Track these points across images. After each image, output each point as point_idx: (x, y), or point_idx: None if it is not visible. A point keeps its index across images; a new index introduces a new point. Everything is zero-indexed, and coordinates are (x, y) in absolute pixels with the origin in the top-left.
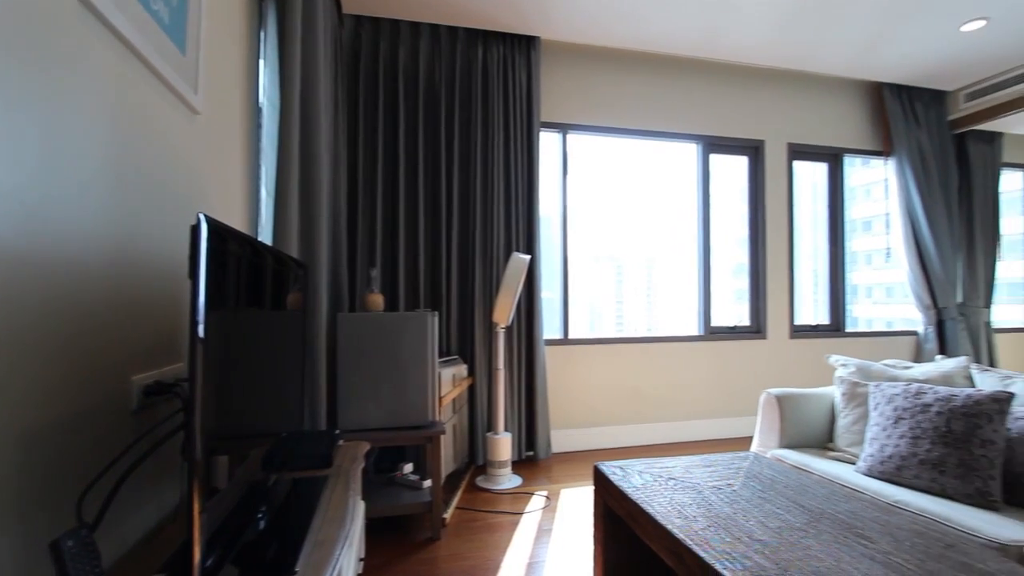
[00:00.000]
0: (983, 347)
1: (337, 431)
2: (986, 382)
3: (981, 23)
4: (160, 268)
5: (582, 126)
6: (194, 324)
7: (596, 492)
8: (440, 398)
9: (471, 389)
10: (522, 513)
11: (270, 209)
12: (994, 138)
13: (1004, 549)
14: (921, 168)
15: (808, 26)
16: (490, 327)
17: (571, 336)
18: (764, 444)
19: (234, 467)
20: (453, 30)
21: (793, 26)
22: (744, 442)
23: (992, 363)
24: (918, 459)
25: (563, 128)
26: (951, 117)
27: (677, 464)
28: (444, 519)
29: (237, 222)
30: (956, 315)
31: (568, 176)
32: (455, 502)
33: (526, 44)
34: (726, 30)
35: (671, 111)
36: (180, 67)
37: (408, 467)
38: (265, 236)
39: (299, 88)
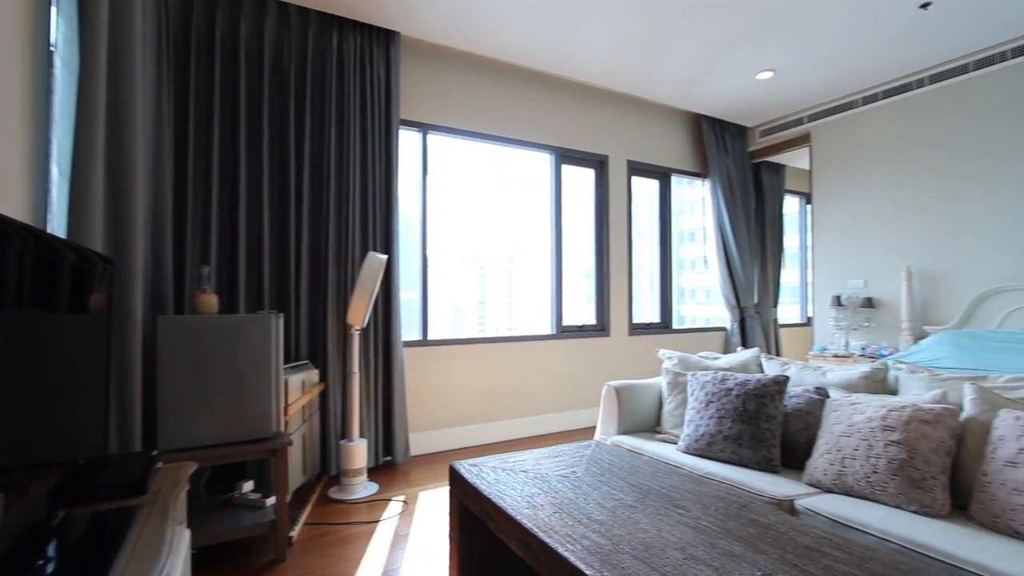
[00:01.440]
0: (772, 339)
1: (155, 452)
2: (771, 368)
3: (770, 74)
4: None
5: (443, 127)
6: None
7: (451, 491)
8: (286, 407)
9: (323, 395)
10: (378, 521)
11: (65, 192)
12: (780, 169)
13: (780, 504)
14: (729, 190)
15: (640, 58)
16: (345, 329)
17: (431, 337)
18: (605, 432)
19: (10, 505)
20: (304, 11)
21: (628, 56)
22: (591, 431)
23: (777, 352)
24: (723, 435)
25: (423, 127)
26: (750, 149)
27: (528, 457)
28: (291, 537)
29: (12, 206)
30: (753, 313)
31: (428, 176)
32: (304, 518)
33: (385, 38)
34: (575, 51)
35: (528, 121)
36: None
37: (248, 485)
38: (58, 225)
39: (106, 48)
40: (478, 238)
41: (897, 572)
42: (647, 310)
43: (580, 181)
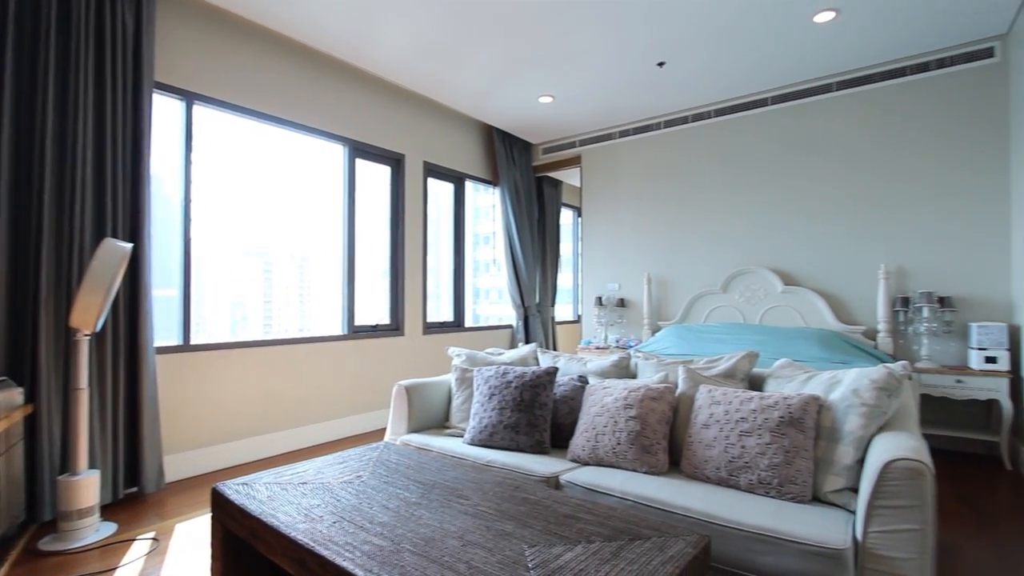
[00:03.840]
0: (550, 335)
1: None
2: (545, 361)
3: (550, 99)
4: None
5: (217, 100)
6: None
7: (214, 517)
8: None
9: (31, 420)
10: (115, 568)
11: None
12: (558, 184)
13: (547, 480)
14: (516, 199)
15: (437, 63)
16: (68, 334)
17: (197, 341)
18: (396, 432)
19: None
20: None
21: (426, 60)
22: (384, 433)
23: (554, 346)
24: (503, 424)
25: (189, 96)
26: (534, 163)
27: (309, 467)
28: None
29: None
30: (535, 312)
31: (195, 153)
32: None
33: None
34: (374, 45)
35: (321, 108)
36: None
37: None
38: None
39: None
40: (265, 230)
41: (629, 524)
42: (445, 309)
43: (376, 177)
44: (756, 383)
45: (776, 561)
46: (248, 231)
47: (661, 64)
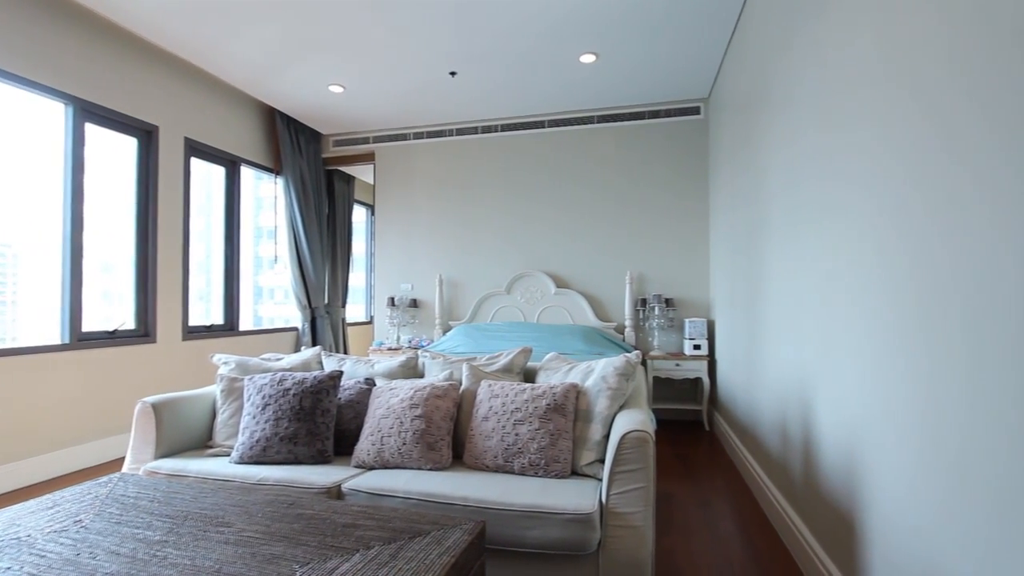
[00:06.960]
0: (340, 337)
1: None
2: (330, 364)
3: (340, 89)
4: None
5: None
6: None
7: None
8: None
9: None
10: None
11: None
12: (350, 180)
13: (328, 491)
14: (302, 191)
15: (206, 28)
16: None
17: None
18: (139, 459)
19: None
20: None
21: (191, 20)
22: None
23: (345, 349)
24: (279, 437)
25: None
26: (324, 155)
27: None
28: None
29: None
30: (324, 313)
31: None
32: None
33: None
34: None
35: (31, 51)
36: None
37: None
38: None
39: None
40: None
41: (410, 523)
42: (216, 310)
43: (117, 150)
44: (530, 375)
45: (542, 533)
46: None
47: (453, 74)
